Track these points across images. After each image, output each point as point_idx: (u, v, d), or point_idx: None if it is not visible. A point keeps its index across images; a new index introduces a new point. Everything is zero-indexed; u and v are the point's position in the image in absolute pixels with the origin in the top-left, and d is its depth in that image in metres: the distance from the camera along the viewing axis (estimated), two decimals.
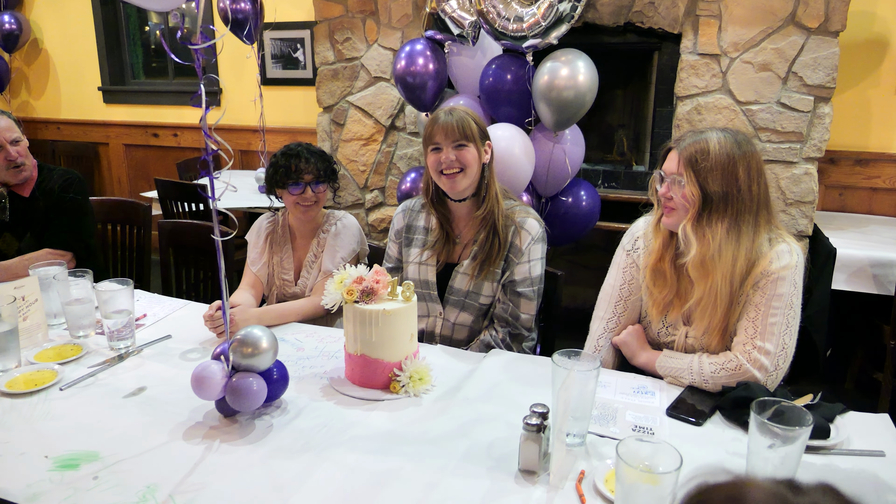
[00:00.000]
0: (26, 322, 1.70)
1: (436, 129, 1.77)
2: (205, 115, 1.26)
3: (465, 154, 1.76)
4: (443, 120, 1.78)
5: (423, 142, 1.82)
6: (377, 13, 3.43)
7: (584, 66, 2.54)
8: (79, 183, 2.41)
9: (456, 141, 1.76)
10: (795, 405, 1.10)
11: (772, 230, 1.51)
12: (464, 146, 1.76)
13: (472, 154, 1.77)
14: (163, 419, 1.36)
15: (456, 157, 1.75)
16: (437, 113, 1.82)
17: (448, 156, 1.75)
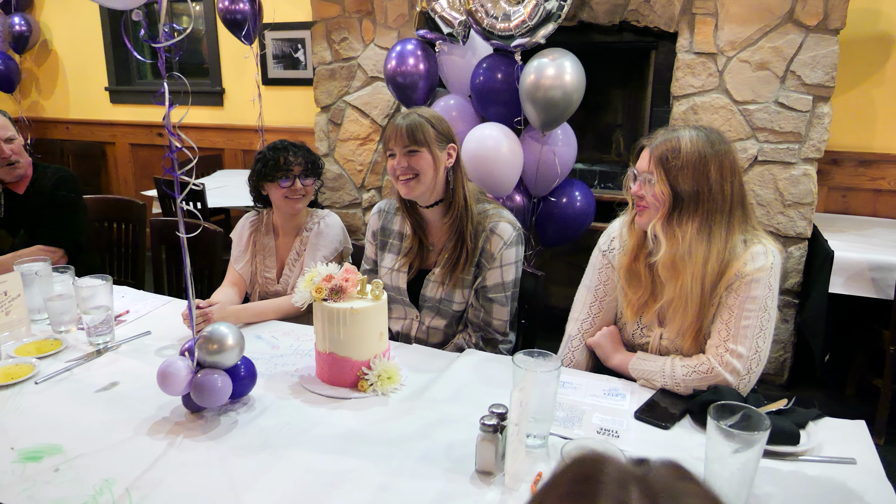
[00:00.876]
0: (9, 316, 1.72)
1: (389, 134, 1.72)
2: (168, 112, 1.26)
3: (418, 160, 1.71)
4: (396, 124, 1.73)
5: (382, 146, 1.79)
6: (373, 13, 3.43)
7: (571, 66, 2.52)
8: (71, 181, 2.44)
9: (406, 147, 1.70)
10: (755, 409, 1.08)
11: (747, 231, 1.49)
12: (415, 152, 1.71)
13: (426, 159, 1.71)
14: (130, 415, 1.37)
15: (408, 164, 1.70)
16: (395, 117, 1.77)
17: (401, 162, 1.71)
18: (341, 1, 3.49)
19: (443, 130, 1.76)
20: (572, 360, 1.65)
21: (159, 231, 2.59)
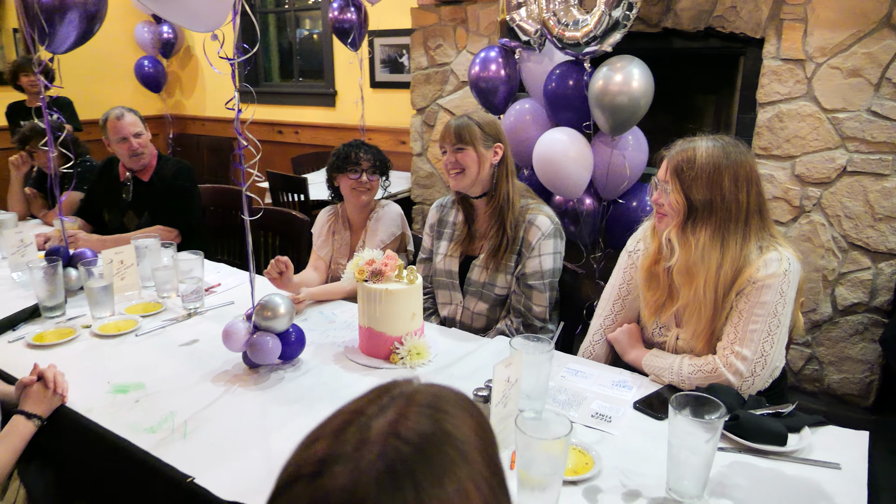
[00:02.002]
0: (123, 281, 2.09)
1: (442, 133, 1.95)
2: (238, 116, 1.52)
3: (464, 156, 1.92)
4: (448, 124, 1.96)
5: (439, 145, 2.00)
6: (467, 21, 3.62)
7: (639, 72, 2.58)
8: (188, 172, 2.84)
9: (454, 144, 1.92)
10: (717, 401, 1.15)
11: (764, 238, 1.52)
12: (462, 149, 1.92)
13: (471, 156, 1.91)
14: (201, 366, 1.65)
15: (456, 160, 1.91)
16: (450, 118, 1.99)
17: (449, 158, 1.93)
18: (438, 10, 3.71)
19: (490, 132, 1.95)
20: (592, 353, 1.75)
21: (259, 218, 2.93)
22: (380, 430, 0.52)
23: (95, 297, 1.92)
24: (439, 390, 0.59)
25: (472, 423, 0.57)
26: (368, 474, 0.48)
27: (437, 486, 0.49)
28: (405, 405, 0.55)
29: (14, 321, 1.88)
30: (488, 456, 0.56)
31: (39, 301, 1.93)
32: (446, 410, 0.56)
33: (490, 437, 0.59)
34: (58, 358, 1.68)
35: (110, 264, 1.99)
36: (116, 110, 2.71)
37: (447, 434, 0.53)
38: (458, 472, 0.51)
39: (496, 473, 0.56)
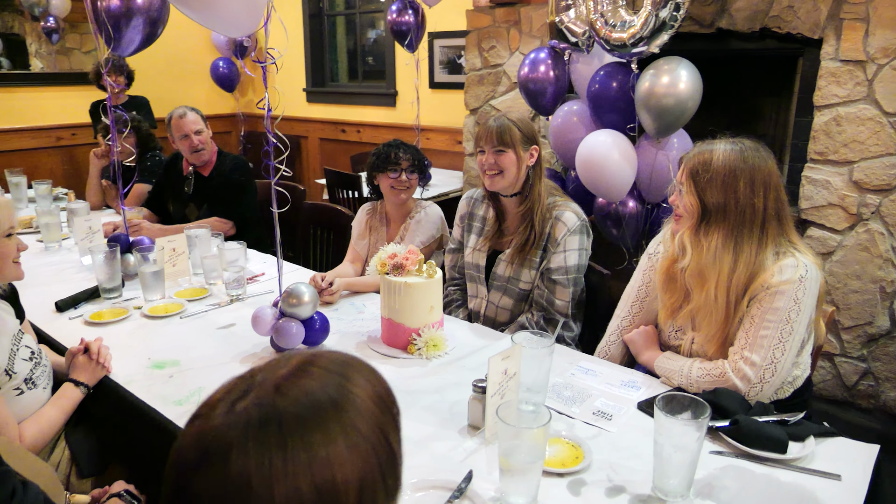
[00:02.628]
0: (175, 268, 2.25)
1: (481, 133, 1.97)
2: (268, 115, 1.62)
3: (504, 158, 1.94)
4: (488, 125, 1.97)
5: (474, 143, 2.03)
6: (520, 23, 3.65)
7: (686, 74, 2.54)
8: (244, 167, 3.01)
9: (495, 146, 1.94)
10: (703, 402, 1.16)
11: (782, 244, 1.50)
12: (502, 151, 1.93)
13: (511, 158, 1.94)
14: (233, 348, 1.78)
15: (495, 161, 1.94)
16: (487, 118, 2.02)
17: (488, 159, 1.95)
18: (493, 12, 3.76)
19: (528, 133, 1.98)
20: (607, 353, 1.76)
21: (309, 213, 3.08)
22: (265, 384, 0.58)
23: (147, 281, 2.08)
24: (347, 358, 0.65)
25: (371, 391, 0.62)
26: (240, 419, 0.55)
27: (304, 441, 0.54)
28: (301, 366, 0.61)
29: (76, 300, 2.06)
30: (380, 425, 0.61)
31: (99, 283, 2.12)
32: (344, 375, 0.62)
33: (388, 409, 0.64)
34: (109, 335, 1.84)
35: (162, 251, 2.15)
36: (180, 109, 2.90)
37: (332, 396, 0.59)
38: (333, 432, 0.56)
39: (384, 444, 0.61)
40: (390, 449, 0.62)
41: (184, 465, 0.56)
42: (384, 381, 0.67)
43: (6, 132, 4.80)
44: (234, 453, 0.54)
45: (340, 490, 0.55)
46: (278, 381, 0.59)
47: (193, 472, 0.55)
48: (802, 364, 1.62)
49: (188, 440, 0.57)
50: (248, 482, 0.53)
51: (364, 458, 0.58)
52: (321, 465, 0.54)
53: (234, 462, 0.53)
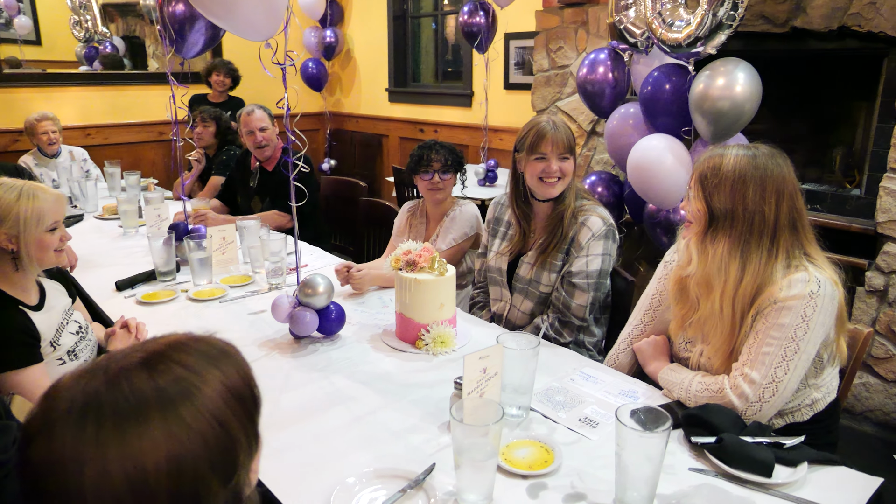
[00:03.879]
0: (224, 256, 2.41)
1: (544, 140, 1.90)
2: (287, 114, 1.71)
3: (568, 165, 1.92)
4: (551, 133, 1.91)
5: (527, 148, 1.93)
6: (587, 23, 3.59)
7: (744, 76, 2.41)
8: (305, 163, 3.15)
9: (562, 154, 1.91)
10: (663, 412, 1.12)
11: (795, 256, 1.41)
12: (567, 158, 1.92)
13: (572, 165, 1.93)
14: (257, 332, 1.89)
15: (559, 168, 1.90)
16: (541, 124, 1.93)
17: (552, 166, 1.89)
18: (561, 13, 3.72)
19: (574, 140, 1.97)
20: (616, 362, 1.72)
21: (365, 210, 3.19)
22: (109, 371, 0.64)
23: (195, 266, 2.24)
24: (212, 352, 0.70)
25: (221, 385, 0.67)
26: (71, 399, 0.61)
27: (118, 430, 0.59)
28: (150, 358, 0.66)
29: (133, 281, 2.26)
30: (219, 416, 0.65)
31: (156, 267, 2.31)
32: (192, 369, 0.66)
33: (239, 401, 0.68)
34: (154, 313, 2.02)
35: (211, 240, 2.31)
36: (249, 107, 3.09)
37: (162, 391, 0.63)
38: (151, 424, 0.61)
39: (220, 434, 0.64)
40: (229, 438, 0.65)
41: (30, 426, 0.63)
42: (244, 376, 0.71)
43: (116, 126, 5.27)
44: (57, 430, 0.60)
45: (151, 478, 0.59)
46: (118, 370, 0.64)
47: (34, 435, 0.61)
48: (824, 387, 1.52)
49: (39, 403, 0.64)
50: (62, 459, 0.59)
51: (187, 449, 0.61)
52: (133, 454, 0.59)
53: (56, 439, 0.59)
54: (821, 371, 1.50)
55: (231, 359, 0.72)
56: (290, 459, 1.28)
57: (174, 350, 0.68)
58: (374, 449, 1.31)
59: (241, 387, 0.70)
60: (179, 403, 0.63)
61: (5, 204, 1.59)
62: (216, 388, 0.67)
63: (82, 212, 3.30)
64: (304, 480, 1.21)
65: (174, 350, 0.68)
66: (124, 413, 0.61)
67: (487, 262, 2.15)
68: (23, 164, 3.93)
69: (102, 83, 5.24)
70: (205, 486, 0.63)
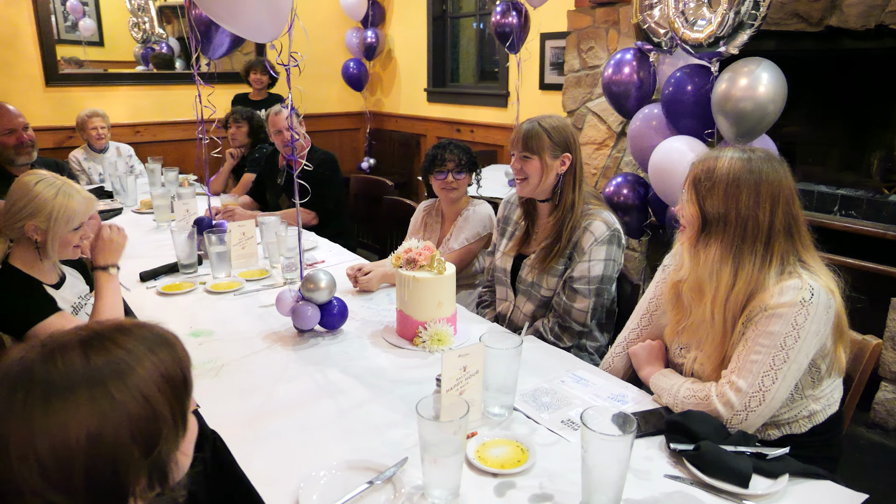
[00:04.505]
0: (244, 250, 2.49)
1: (512, 136, 1.96)
2: (291, 112, 1.76)
3: (528, 165, 1.91)
4: (518, 130, 1.94)
5: None
6: (619, 23, 3.54)
7: (768, 77, 2.34)
8: (330, 162, 3.22)
9: (521, 152, 1.92)
10: (629, 416, 1.11)
11: (790, 262, 1.37)
12: (528, 158, 1.91)
13: (534, 166, 1.90)
14: (263, 325, 1.94)
15: (521, 167, 1.92)
16: (522, 122, 1.98)
17: (515, 164, 1.93)
18: (593, 13, 3.69)
19: (559, 141, 1.93)
20: (610, 365, 1.70)
21: (387, 208, 3.24)
22: (47, 346, 0.68)
23: (214, 260, 2.33)
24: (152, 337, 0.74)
25: (155, 369, 0.71)
26: (8, 369, 0.66)
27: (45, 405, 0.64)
28: (90, 338, 0.71)
29: (156, 273, 2.36)
30: (148, 396, 0.69)
31: (178, 259, 2.40)
32: (131, 351, 0.70)
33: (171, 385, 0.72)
34: (172, 304, 2.11)
35: (230, 235, 2.39)
36: (276, 107, 3.17)
37: (94, 369, 0.68)
38: (79, 399, 0.65)
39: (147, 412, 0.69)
40: (153, 412, 0.70)
41: None
42: (179, 364, 0.76)
43: (164, 124, 5.48)
44: None
45: (72, 447, 0.65)
46: (56, 347, 0.69)
47: None
48: (823, 399, 1.48)
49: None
50: None
51: (109, 419, 0.66)
52: (57, 425, 0.64)
53: None
54: (819, 382, 1.45)
55: (170, 347, 0.76)
56: (272, 448, 1.32)
57: (118, 333, 0.73)
58: (352, 441, 1.34)
59: (174, 373, 0.74)
60: (110, 381, 0.68)
61: (42, 199, 1.70)
62: (149, 371, 0.71)
63: (122, 206, 3.45)
64: (281, 469, 1.25)
65: (118, 333, 0.73)
66: (53, 387, 0.66)
67: (495, 261, 2.16)
68: (72, 159, 4.14)
69: (151, 83, 5.45)
70: (124, 452, 0.67)
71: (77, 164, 4.18)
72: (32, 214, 1.67)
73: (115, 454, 0.67)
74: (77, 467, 0.65)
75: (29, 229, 1.68)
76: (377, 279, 2.23)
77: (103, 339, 0.72)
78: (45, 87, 4.89)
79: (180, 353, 0.79)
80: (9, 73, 4.70)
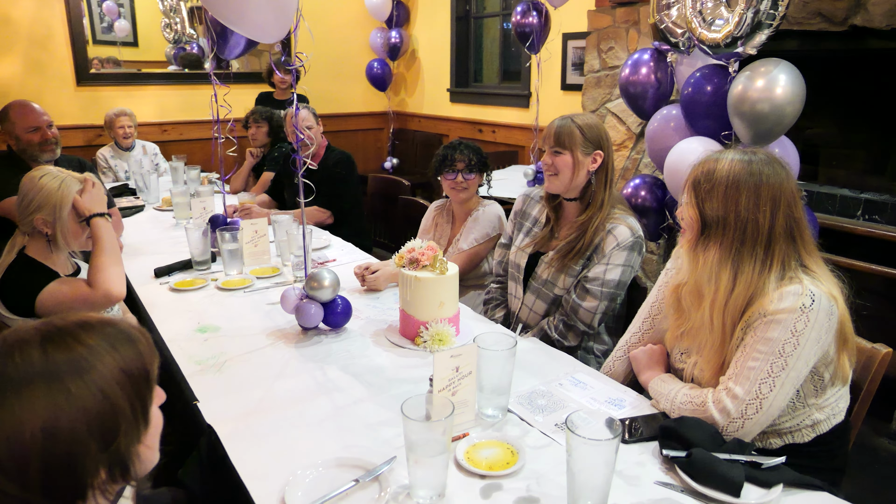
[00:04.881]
0: (256, 248, 2.52)
1: (545, 131, 1.97)
2: (296, 112, 1.78)
3: (559, 160, 1.92)
4: (551, 124, 1.96)
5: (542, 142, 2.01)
6: (639, 23, 3.50)
7: (786, 78, 2.29)
8: (346, 162, 3.24)
9: (552, 147, 1.93)
10: (617, 420, 1.10)
11: (791, 267, 1.34)
12: (559, 153, 1.91)
13: (566, 161, 1.91)
14: (269, 322, 1.97)
15: (552, 162, 1.92)
16: (553, 121, 2.00)
17: (546, 159, 1.94)
18: (613, 12, 3.65)
19: (591, 138, 1.93)
20: (611, 369, 1.69)
21: (402, 207, 3.25)
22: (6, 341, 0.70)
23: (226, 257, 2.36)
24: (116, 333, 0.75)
25: (115, 365, 0.72)
26: None
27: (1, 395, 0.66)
28: (50, 334, 0.72)
29: (171, 269, 2.40)
30: (106, 391, 0.70)
31: (192, 256, 2.44)
32: (92, 348, 0.72)
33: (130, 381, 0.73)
34: (183, 300, 2.15)
35: (242, 232, 2.42)
36: None
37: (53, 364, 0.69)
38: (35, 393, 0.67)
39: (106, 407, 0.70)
40: (111, 406, 0.72)
41: None
42: (143, 361, 0.77)
43: (190, 123, 5.57)
44: None
45: (27, 440, 0.67)
46: (15, 342, 0.71)
47: None
48: (828, 408, 1.44)
49: None
50: None
51: (65, 413, 0.68)
52: (11, 419, 0.66)
53: None
54: (822, 391, 1.42)
55: (133, 344, 0.78)
56: (266, 444, 1.34)
57: (80, 329, 0.74)
58: (345, 439, 1.35)
59: (136, 370, 0.76)
60: (67, 377, 0.69)
61: (46, 192, 1.74)
62: (110, 367, 0.72)
63: (143, 203, 3.53)
64: (272, 465, 1.26)
65: (80, 329, 0.74)
66: (9, 381, 0.67)
67: (508, 256, 2.14)
68: (99, 156, 4.25)
69: (177, 82, 5.55)
70: (81, 447, 0.69)
71: (104, 161, 4.28)
72: (39, 207, 1.72)
73: (70, 448, 0.68)
74: (32, 460, 0.66)
75: (38, 223, 1.73)
76: (384, 278, 2.24)
77: (64, 335, 0.73)
78: (76, 86, 5.02)
79: (143, 349, 0.80)
80: (42, 72, 4.83)
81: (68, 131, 5.05)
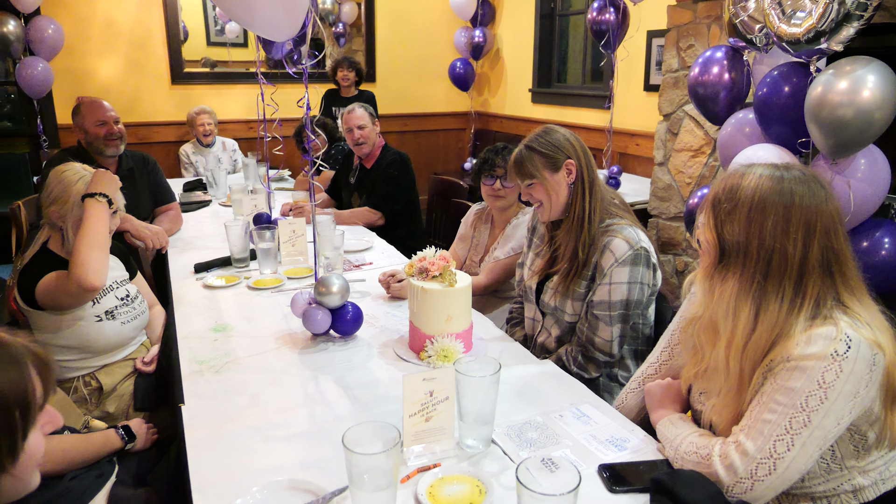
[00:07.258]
0: (294, 248, 2.51)
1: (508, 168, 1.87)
2: (307, 113, 1.73)
3: (534, 191, 1.81)
4: (510, 161, 1.85)
5: None
6: (722, 19, 3.20)
7: (875, 79, 1.98)
8: (400, 163, 3.19)
9: (522, 181, 1.82)
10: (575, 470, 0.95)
11: (826, 306, 1.13)
12: (531, 184, 1.80)
13: (540, 190, 1.79)
14: (283, 324, 1.94)
15: (531, 195, 1.81)
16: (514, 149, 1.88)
17: (524, 195, 1.84)
18: (694, 7, 3.37)
19: (550, 151, 1.78)
20: (623, 403, 1.51)
21: (455, 210, 3.15)
22: None
23: (260, 256, 2.37)
24: None
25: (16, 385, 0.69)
26: None
27: None
28: None
29: (210, 265, 2.44)
30: None
31: (231, 253, 2.47)
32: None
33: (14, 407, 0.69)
34: (212, 297, 2.17)
35: (278, 231, 2.42)
36: (351, 105, 3.19)
37: None
38: None
39: None
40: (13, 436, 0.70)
41: None
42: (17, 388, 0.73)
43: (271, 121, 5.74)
44: None
45: None
46: None
47: None
48: (874, 472, 1.22)
49: None
50: None
51: None
52: None
53: None
54: (865, 452, 1.19)
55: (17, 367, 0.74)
56: (227, 456, 1.29)
57: None
58: (309, 457, 1.28)
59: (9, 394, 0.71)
60: None
61: (63, 185, 1.80)
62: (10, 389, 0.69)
63: (210, 198, 3.64)
64: (224, 479, 1.21)
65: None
66: None
67: (523, 275, 2.00)
68: (182, 152, 4.45)
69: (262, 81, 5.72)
70: None
71: (186, 157, 4.48)
72: (55, 201, 1.77)
73: None
74: None
75: (53, 215, 1.78)
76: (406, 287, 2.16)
77: None
78: (171, 84, 5.29)
79: (27, 375, 0.75)
80: (140, 71, 5.13)
81: (162, 127, 5.37)
